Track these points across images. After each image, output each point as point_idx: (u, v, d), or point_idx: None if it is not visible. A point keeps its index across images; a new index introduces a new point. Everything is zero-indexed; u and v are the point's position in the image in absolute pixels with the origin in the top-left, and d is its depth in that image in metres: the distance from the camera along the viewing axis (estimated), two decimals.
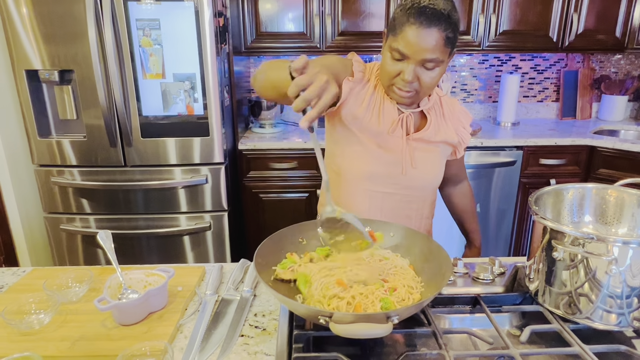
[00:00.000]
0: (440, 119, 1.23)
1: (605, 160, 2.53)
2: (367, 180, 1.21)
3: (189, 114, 2.20)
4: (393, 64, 1.08)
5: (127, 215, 2.37)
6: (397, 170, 1.19)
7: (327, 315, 0.74)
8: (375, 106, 1.18)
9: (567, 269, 0.86)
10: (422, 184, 1.23)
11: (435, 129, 1.21)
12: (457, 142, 1.26)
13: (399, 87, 1.10)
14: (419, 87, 1.09)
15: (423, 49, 1.02)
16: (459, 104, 1.29)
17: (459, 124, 1.26)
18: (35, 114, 2.20)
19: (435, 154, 1.23)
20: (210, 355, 0.85)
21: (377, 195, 1.22)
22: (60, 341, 0.87)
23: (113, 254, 1.01)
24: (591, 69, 3.05)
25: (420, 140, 1.20)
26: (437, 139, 1.21)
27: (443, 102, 1.25)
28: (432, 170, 1.23)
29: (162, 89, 2.16)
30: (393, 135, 1.18)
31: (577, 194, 1.02)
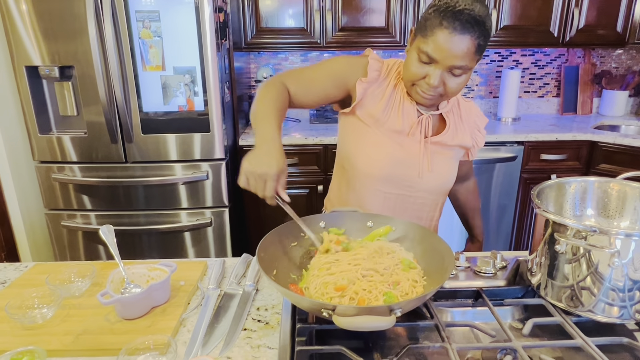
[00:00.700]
0: (458, 122, 1.21)
1: (606, 156, 2.53)
2: (382, 182, 1.18)
3: (189, 107, 2.19)
4: (419, 66, 1.04)
5: (127, 211, 2.37)
6: (413, 173, 1.17)
7: (330, 309, 0.74)
8: (394, 105, 1.15)
9: (569, 262, 0.86)
10: (437, 188, 1.21)
11: (453, 132, 1.19)
12: (472, 146, 1.25)
13: (422, 90, 1.06)
14: (443, 91, 1.06)
15: (453, 56, 0.98)
16: (475, 106, 1.27)
17: (475, 127, 1.24)
18: (36, 111, 2.20)
19: (450, 157, 1.21)
20: (213, 348, 0.86)
21: (391, 196, 1.20)
22: (64, 335, 0.87)
23: (115, 248, 1.01)
24: (592, 64, 3.05)
25: (437, 144, 1.18)
26: (454, 142, 1.19)
27: (461, 105, 1.23)
28: (447, 174, 1.21)
29: (162, 82, 2.15)
30: (411, 137, 1.16)
31: (579, 187, 1.02)
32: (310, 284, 0.89)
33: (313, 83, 1.15)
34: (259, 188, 0.92)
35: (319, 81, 1.15)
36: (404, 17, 2.61)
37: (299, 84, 1.13)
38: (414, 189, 1.19)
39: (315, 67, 1.17)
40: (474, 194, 1.45)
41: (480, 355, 0.83)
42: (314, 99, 1.16)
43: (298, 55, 3.00)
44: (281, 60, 3.00)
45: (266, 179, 0.91)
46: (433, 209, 1.26)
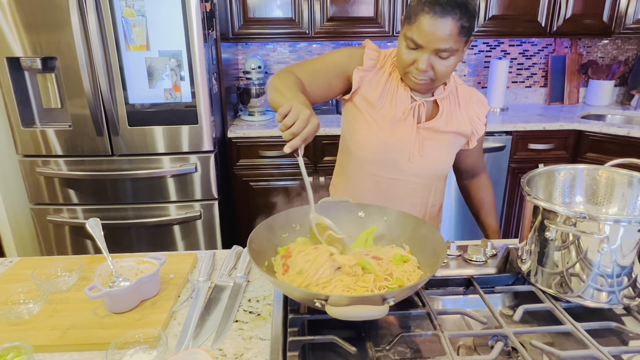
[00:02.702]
0: (455, 109, 1.21)
1: (593, 144, 2.56)
2: (373, 165, 1.21)
3: (175, 91, 2.15)
4: (408, 52, 1.07)
5: (115, 205, 2.34)
6: (404, 158, 1.19)
7: (322, 299, 0.74)
8: (389, 92, 1.18)
9: (559, 249, 0.87)
10: (429, 173, 1.22)
11: (447, 118, 1.20)
12: (470, 133, 1.24)
13: (413, 75, 1.09)
14: (433, 75, 1.08)
15: (437, 39, 1.01)
16: (478, 94, 1.26)
17: (474, 114, 1.24)
18: (18, 103, 2.15)
19: (445, 143, 1.21)
20: (204, 340, 0.85)
21: (383, 180, 1.22)
22: (51, 330, 0.85)
23: (103, 241, 0.99)
24: (578, 54, 3.07)
25: (430, 129, 1.19)
26: (448, 129, 1.19)
27: (460, 92, 1.23)
28: (440, 159, 1.22)
29: (147, 65, 2.11)
30: (404, 123, 1.17)
31: (568, 175, 1.03)
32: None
33: (318, 74, 1.18)
34: (297, 126, 0.86)
35: (323, 72, 1.19)
36: (393, 7, 2.59)
37: (307, 74, 1.16)
38: (405, 173, 1.21)
39: (319, 59, 1.21)
40: (486, 191, 1.40)
41: (472, 342, 0.83)
42: (320, 90, 1.19)
43: (286, 45, 2.97)
44: (269, 51, 2.97)
45: (308, 123, 0.87)
46: (427, 194, 1.26)
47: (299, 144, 0.88)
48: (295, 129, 0.87)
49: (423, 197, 1.26)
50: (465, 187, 1.42)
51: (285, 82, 1.07)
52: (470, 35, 1.06)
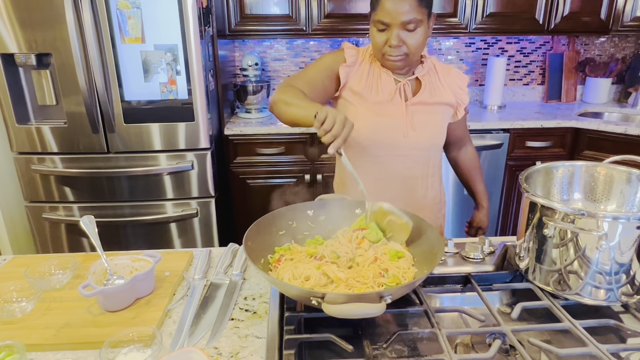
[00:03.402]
0: (436, 82, 1.30)
1: (590, 142, 2.56)
2: (371, 147, 1.28)
3: (170, 84, 2.13)
4: (379, 35, 1.18)
5: (111, 202, 2.33)
6: (399, 135, 1.26)
7: (319, 296, 0.73)
8: (373, 80, 1.27)
9: (557, 246, 0.86)
10: (425, 144, 1.30)
11: (431, 91, 1.28)
12: (456, 103, 1.33)
13: (389, 54, 1.19)
14: (407, 50, 1.18)
15: (400, 13, 1.12)
16: (454, 68, 1.36)
17: (456, 85, 1.33)
18: (13, 100, 2.13)
19: (435, 115, 1.30)
20: (200, 339, 0.84)
21: (382, 159, 1.29)
22: (44, 329, 0.84)
23: (97, 239, 0.99)
24: (576, 51, 3.06)
25: (418, 104, 1.27)
26: (434, 100, 1.28)
27: (438, 68, 1.33)
28: (433, 130, 1.30)
29: (142, 58, 2.09)
30: (392, 103, 1.26)
31: (566, 171, 1.02)
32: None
33: (313, 80, 1.28)
34: (337, 128, 0.93)
35: (317, 77, 1.28)
36: None
37: (305, 84, 1.25)
38: (402, 148, 1.28)
39: (310, 67, 1.31)
40: (473, 160, 1.51)
41: (470, 340, 0.83)
42: (318, 94, 1.27)
43: (283, 42, 2.96)
44: (266, 48, 2.96)
45: (345, 125, 0.94)
46: (426, 165, 1.34)
47: (341, 144, 0.94)
48: (336, 131, 0.93)
49: (423, 168, 1.33)
50: (454, 159, 1.52)
51: (296, 95, 1.15)
52: (431, 7, 1.18)
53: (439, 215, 1.43)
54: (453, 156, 1.52)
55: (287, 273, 0.87)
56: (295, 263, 0.90)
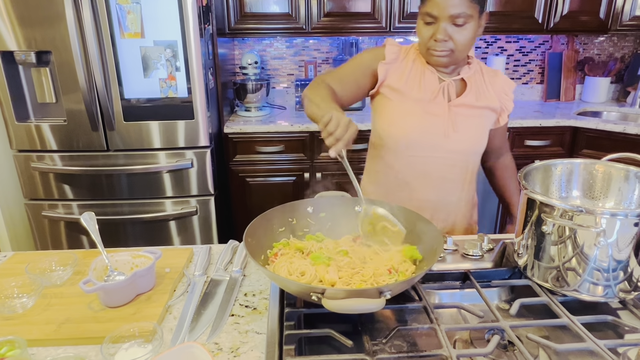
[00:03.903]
0: (482, 85, 1.26)
1: (589, 141, 2.56)
2: (408, 147, 1.25)
3: (169, 79, 2.13)
4: (426, 28, 1.15)
5: (111, 200, 2.33)
6: (438, 135, 1.23)
7: (319, 292, 0.74)
8: (415, 77, 1.24)
9: (555, 243, 0.87)
10: (464, 148, 1.26)
11: (476, 94, 1.24)
12: (500, 108, 1.29)
13: (434, 49, 1.15)
14: (453, 46, 1.14)
15: (449, 5, 1.09)
16: (501, 73, 1.32)
17: (501, 90, 1.28)
18: (12, 98, 2.13)
19: (478, 119, 1.26)
20: (200, 335, 0.84)
21: (419, 159, 1.26)
22: (45, 324, 0.85)
23: (97, 235, 0.99)
24: (575, 50, 3.07)
25: (462, 105, 1.23)
26: (478, 104, 1.24)
27: (484, 71, 1.29)
28: (475, 134, 1.26)
29: (142, 54, 2.09)
30: (434, 102, 1.22)
31: (565, 169, 1.03)
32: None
33: (346, 77, 1.27)
34: (339, 131, 0.94)
35: (350, 75, 1.28)
36: (390, 3, 2.58)
37: (337, 81, 1.25)
38: (441, 149, 1.24)
39: (345, 64, 1.30)
40: (510, 171, 1.44)
41: (469, 336, 0.83)
42: (350, 92, 1.27)
43: (283, 41, 2.96)
44: (266, 46, 2.96)
45: (349, 128, 0.95)
46: (464, 170, 1.29)
47: (342, 147, 0.96)
48: (338, 134, 0.94)
49: (460, 173, 1.29)
50: (490, 168, 1.45)
51: (319, 93, 1.15)
52: (484, 4, 1.13)
53: (470, 221, 1.39)
54: (489, 165, 1.45)
55: (282, 269, 0.87)
56: (289, 258, 0.91)
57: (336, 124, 0.94)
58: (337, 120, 0.95)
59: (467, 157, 1.28)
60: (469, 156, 1.28)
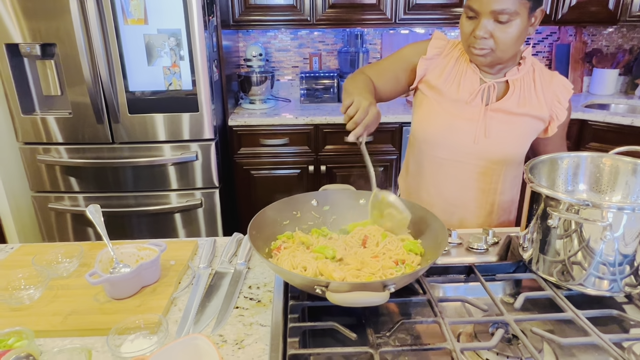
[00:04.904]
0: (529, 91, 1.16)
1: (596, 134, 2.54)
2: (438, 148, 1.22)
3: (172, 67, 2.11)
4: (467, 23, 1.09)
5: (116, 193, 2.34)
6: (467, 140, 1.18)
7: (323, 285, 0.74)
8: (455, 76, 1.19)
9: (561, 237, 0.86)
10: (496, 156, 1.18)
11: (519, 100, 1.15)
12: (549, 118, 1.18)
13: (473, 46, 1.08)
14: (494, 45, 1.06)
15: (491, 0, 1.01)
16: (560, 77, 1.19)
17: (554, 98, 1.17)
18: (18, 90, 2.14)
19: (516, 126, 1.16)
20: (205, 327, 0.85)
21: (447, 163, 1.22)
22: (52, 316, 0.86)
23: (103, 228, 0.99)
24: (583, 42, 3.03)
25: (499, 110, 1.15)
26: (519, 110, 1.15)
27: (537, 75, 1.17)
28: (509, 142, 1.17)
29: (145, 41, 2.08)
30: (471, 105, 1.17)
31: (572, 162, 1.02)
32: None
33: (385, 71, 1.25)
34: (358, 115, 0.94)
35: (390, 68, 1.25)
36: None
37: (377, 73, 1.23)
38: (470, 155, 1.19)
39: (387, 58, 1.28)
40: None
41: (473, 329, 0.83)
42: (389, 86, 1.26)
43: (288, 33, 2.94)
44: (270, 38, 2.95)
45: (369, 112, 0.95)
46: (496, 179, 1.21)
47: (361, 132, 0.94)
48: (358, 117, 0.94)
49: (491, 182, 1.22)
50: None
51: (355, 83, 1.15)
52: (538, 0, 1.04)
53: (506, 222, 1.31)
54: None
55: (285, 262, 0.87)
56: (292, 252, 0.91)
57: (356, 107, 0.94)
58: (357, 103, 0.94)
59: (499, 167, 1.19)
60: (501, 166, 1.19)
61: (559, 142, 1.24)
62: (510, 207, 1.31)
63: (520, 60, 1.17)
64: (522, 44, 1.11)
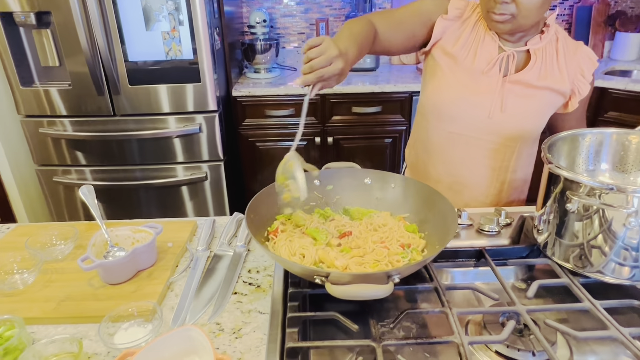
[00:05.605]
0: (552, 62, 1.07)
1: (616, 103, 2.42)
2: (449, 122, 1.13)
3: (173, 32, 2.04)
4: None
5: (122, 166, 2.31)
6: (482, 114, 1.09)
7: (323, 275, 0.69)
8: (472, 44, 1.09)
9: (580, 219, 0.80)
10: (511, 132, 1.10)
11: (540, 71, 1.07)
12: (570, 92, 1.09)
13: (492, 11, 0.99)
14: (515, 10, 0.97)
15: None
16: (585, 48, 1.10)
17: (578, 70, 1.08)
18: (15, 62, 2.07)
19: (535, 100, 1.08)
20: (202, 314, 0.82)
21: (457, 138, 1.14)
22: (45, 302, 0.83)
23: (97, 209, 0.95)
24: (606, 4, 2.85)
25: (518, 82, 1.07)
26: (540, 83, 1.06)
27: (561, 44, 1.08)
28: (526, 117, 1.09)
29: (142, 4, 1.98)
30: (487, 75, 1.08)
31: (594, 139, 0.94)
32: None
33: (401, 21, 1.11)
34: (318, 61, 0.80)
35: (406, 20, 1.12)
36: None
37: (387, 22, 1.09)
38: (483, 131, 1.11)
39: (404, 7, 1.14)
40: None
41: (482, 318, 0.79)
42: (401, 39, 1.12)
43: None
44: (275, 3, 2.82)
45: (333, 62, 0.82)
46: (508, 157, 1.14)
47: (313, 80, 0.81)
48: (316, 63, 0.80)
49: (503, 160, 1.15)
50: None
51: (350, 28, 0.98)
52: None
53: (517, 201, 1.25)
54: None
55: (283, 248, 0.83)
56: (289, 236, 0.86)
57: (320, 52, 0.80)
58: (324, 48, 0.80)
59: (513, 144, 1.12)
60: (516, 143, 1.12)
61: (578, 118, 1.16)
62: (523, 186, 1.24)
63: (544, 27, 1.07)
64: (547, 9, 1.01)
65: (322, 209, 0.99)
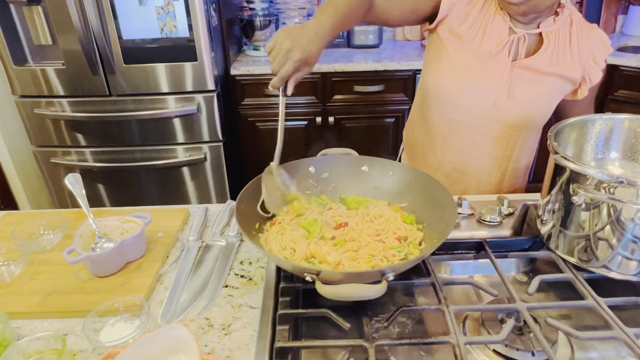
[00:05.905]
0: (564, 47, 1.00)
1: (627, 81, 2.33)
2: (450, 106, 1.07)
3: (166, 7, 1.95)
4: None
5: (122, 147, 2.27)
6: (488, 101, 1.03)
7: (313, 273, 0.66)
8: (481, 23, 1.01)
9: (586, 210, 0.76)
10: (517, 121, 1.05)
11: (551, 57, 1.00)
12: (580, 79, 1.03)
13: None
14: None
15: None
16: (599, 31, 1.02)
17: (590, 56, 1.01)
18: (7, 40, 2.02)
19: (544, 87, 1.02)
20: (191, 308, 0.79)
21: (459, 125, 1.08)
22: (31, 295, 0.81)
23: (84, 199, 0.92)
24: None
25: (527, 68, 1.00)
26: (550, 69, 1.00)
27: (575, 27, 1.00)
28: (534, 105, 1.03)
29: None
30: (495, 59, 1.01)
31: (604, 126, 0.89)
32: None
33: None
34: (277, 62, 0.79)
35: None
36: None
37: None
38: (488, 118, 1.05)
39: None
40: None
41: (480, 315, 0.76)
42: (402, 11, 1.04)
43: None
44: None
45: (289, 57, 0.79)
46: (512, 146, 1.09)
47: (278, 84, 0.81)
48: (273, 68, 0.80)
49: (507, 149, 1.10)
50: None
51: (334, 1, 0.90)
52: None
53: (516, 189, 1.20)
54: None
55: (274, 242, 0.80)
56: (281, 228, 0.83)
57: (276, 52, 0.78)
58: (278, 48, 0.78)
59: (518, 133, 1.07)
60: (520, 132, 1.06)
61: (586, 105, 1.09)
62: (524, 174, 1.19)
63: (558, 8, 0.99)
64: None
65: (317, 197, 0.96)
